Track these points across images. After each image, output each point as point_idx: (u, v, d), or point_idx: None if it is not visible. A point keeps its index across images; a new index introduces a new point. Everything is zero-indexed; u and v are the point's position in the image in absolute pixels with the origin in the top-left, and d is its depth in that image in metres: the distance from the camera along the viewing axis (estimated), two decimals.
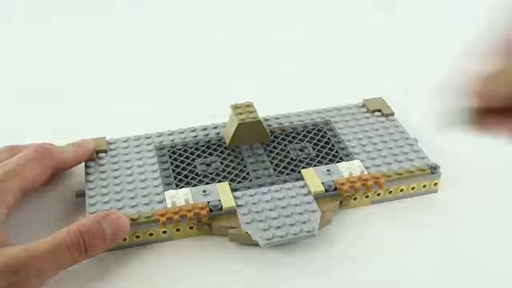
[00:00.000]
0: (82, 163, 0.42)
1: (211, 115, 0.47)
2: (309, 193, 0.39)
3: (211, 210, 0.37)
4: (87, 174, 0.41)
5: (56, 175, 0.42)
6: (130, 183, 0.40)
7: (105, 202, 0.38)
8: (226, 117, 0.45)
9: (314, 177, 0.40)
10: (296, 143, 0.44)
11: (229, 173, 0.41)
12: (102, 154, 0.43)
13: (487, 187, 0.42)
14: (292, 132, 0.45)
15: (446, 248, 0.37)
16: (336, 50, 0.62)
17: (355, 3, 0.73)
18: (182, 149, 0.44)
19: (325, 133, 0.45)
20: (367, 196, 0.40)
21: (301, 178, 0.40)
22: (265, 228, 0.36)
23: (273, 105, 0.48)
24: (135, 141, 0.45)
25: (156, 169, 0.42)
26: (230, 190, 0.39)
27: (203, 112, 0.48)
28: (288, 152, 0.43)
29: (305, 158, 0.43)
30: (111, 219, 0.35)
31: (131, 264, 0.36)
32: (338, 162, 0.42)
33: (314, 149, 0.44)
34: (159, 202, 0.38)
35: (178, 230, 0.38)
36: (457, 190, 0.41)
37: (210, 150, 0.44)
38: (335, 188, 0.39)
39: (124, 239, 0.37)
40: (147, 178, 0.41)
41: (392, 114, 0.47)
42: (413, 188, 0.41)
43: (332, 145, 0.44)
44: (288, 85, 0.55)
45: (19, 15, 0.73)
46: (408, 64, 0.59)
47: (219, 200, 0.38)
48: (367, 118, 0.47)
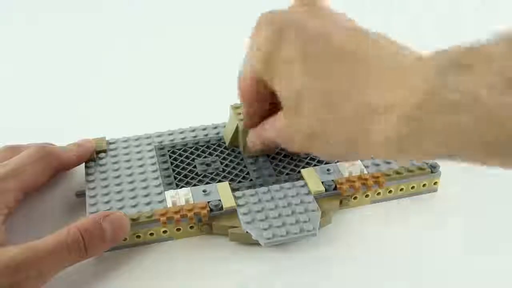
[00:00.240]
0: (82, 163, 0.42)
1: (211, 115, 0.47)
2: (309, 193, 0.39)
3: (212, 210, 0.37)
4: (87, 174, 0.41)
5: (57, 175, 0.41)
6: (131, 183, 0.40)
7: (106, 202, 0.38)
8: (226, 117, 0.45)
9: (314, 177, 0.40)
10: None
11: (229, 173, 0.41)
12: (102, 154, 0.43)
13: (487, 186, 0.42)
14: None
15: (446, 248, 0.37)
16: None
17: (355, 3, 0.73)
18: (182, 149, 0.44)
19: None
20: (367, 196, 0.40)
21: (301, 178, 0.40)
22: (266, 228, 0.36)
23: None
24: (135, 141, 0.45)
25: (156, 169, 0.42)
26: (231, 190, 0.39)
27: (203, 112, 0.48)
28: (288, 152, 0.43)
29: (305, 158, 0.43)
30: (111, 219, 0.35)
31: (131, 264, 0.36)
32: (338, 162, 0.42)
33: None
34: (160, 202, 0.38)
35: (179, 230, 0.38)
36: (457, 189, 0.41)
37: (210, 150, 0.44)
38: (335, 188, 0.39)
39: (125, 239, 0.37)
40: (147, 178, 0.41)
41: None
42: (413, 187, 0.41)
43: None
44: None
45: (19, 15, 0.73)
46: None
47: (220, 200, 0.38)
48: None
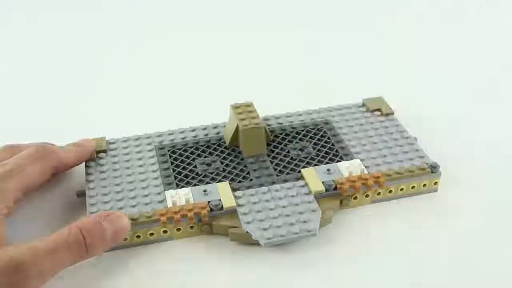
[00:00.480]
0: (83, 163, 0.42)
1: (211, 115, 0.47)
2: (310, 193, 0.39)
3: (212, 210, 0.37)
4: (88, 174, 0.41)
5: (57, 175, 0.41)
6: (131, 183, 0.40)
7: (106, 202, 0.38)
8: (226, 117, 0.45)
9: (315, 177, 0.40)
10: (296, 143, 0.44)
11: (230, 173, 0.41)
12: (103, 154, 0.43)
13: (487, 186, 0.42)
14: (292, 132, 0.45)
15: (446, 247, 0.37)
16: (336, 50, 0.62)
17: (355, 4, 0.73)
18: (182, 149, 0.44)
19: (325, 133, 0.45)
20: (367, 196, 0.40)
21: (301, 178, 0.40)
22: (266, 228, 0.36)
23: (273, 105, 0.48)
24: (135, 141, 0.45)
25: (157, 169, 0.42)
26: (231, 190, 0.39)
27: (203, 112, 0.48)
28: (288, 152, 0.43)
29: (305, 158, 0.43)
30: (112, 219, 0.35)
31: (132, 264, 0.36)
32: (338, 162, 0.42)
33: (314, 149, 0.44)
34: (160, 202, 0.38)
35: (179, 230, 0.38)
36: (457, 189, 0.41)
37: (210, 150, 0.44)
38: (335, 188, 0.39)
39: (125, 239, 0.37)
40: (148, 178, 0.41)
41: (392, 114, 0.47)
42: (413, 187, 0.41)
43: (332, 145, 0.44)
44: (288, 85, 0.55)
45: (19, 15, 0.73)
46: (408, 64, 0.59)
47: (220, 200, 0.38)
48: (367, 118, 0.47)
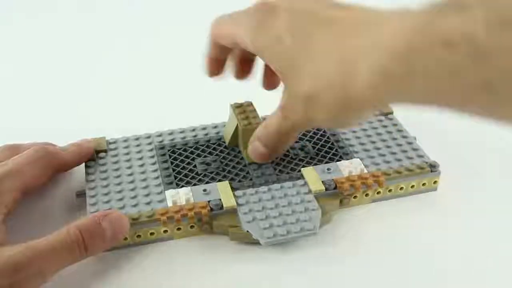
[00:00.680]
0: (83, 163, 0.42)
1: (211, 115, 0.47)
2: (310, 192, 0.39)
3: (212, 209, 0.37)
4: (88, 174, 0.41)
5: (57, 175, 0.42)
6: (131, 183, 0.40)
7: (106, 202, 0.38)
8: (226, 117, 0.45)
9: (314, 176, 0.40)
10: (296, 142, 0.44)
11: (230, 172, 0.41)
12: (103, 154, 0.43)
13: (487, 185, 0.42)
14: None
15: (446, 247, 0.37)
16: None
17: (354, 3, 0.73)
18: (182, 149, 0.44)
19: (325, 132, 0.45)
20: (367, 195, 0.40)
21: (301, 177, 0.40)
22: (266, 227, 0.36)
23: (273, 105, 0.48)
24: (135, 141, 0.45)
25: (157, 169, 0.42)
26: (231, 189, 0.39)
27: (203, 112, 0.48)
28: (288, 151, 0.43)
29: (305, 157, 0.43)
30: (111, 219, 0.35)
31: (132, 264, 0.36)
32: (338, 161, 0.42)
33: (314, 148, 0.44)
34: (160, 202, 0.38)
35: (179, 229, 0.38)
36: (457, 188, 0.41)
37: (210, 150, 0.44)
38: (335, 187, 0.39)
39: (125, 239, 0.37)
40: (148, 178, 0.41)
41: (391, 113, 0.47)
42: (413, 186, 0.41)
43: (332, 144, 0.44)
44: None
45: (19, 15, 0.73)
46: None
47: (220, 199, 0.38)
48: None
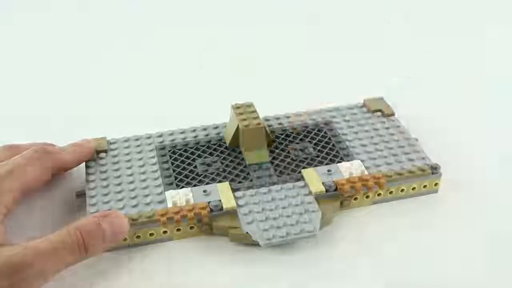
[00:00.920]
0: (83, 163, 0.42)
1: (212, 115, 0.47)
2: (310, 193, 0.39)
3: (212, 210, 0.37)
4: (88, 174, 0.41)
5: (57, 175, 0.41)
6: (131, 183, 0.40)
7: (106, 202, 0.38)
8: (227, 117, 0.45)
9: (315, 177, 0.40)
10: (297, 143, 0.44)
11: (230, 173, 0.41)
12: (103, 154, 0.43)
13: (488, 187, 0.42)
14: (293, 132, 0.45)
15: (446, 248, 0.37)
16: (337, 50, 0.62)
17: (355, 4, 0.73)
18: (183, 149, 0.44)
19: (326, 133, 0.45)
20: (368, 197, 0.40)
21: (302, 178, 0.40)
22: (266, 228, 0.36)
23: (273, 105, 0.48)
24: (136, 141, 0.45)
25: (157, 169, 0.41)
26: (231, 190, 0.39)
27: (204, 112, 0.48)
28: (289, 152, 0.43)
29: (306, 158, 0.43)
30: (111, 219, 0.35)
31: (132, 264, 0.36)
32: (339, 162, 0.42)
33: (315, 149, 0.44)
34: (160, 202, 0.38)
35: (179, 230, 0.38)
36: (458, 190, 0.41)
37: (211, 150, 0.44)
38: (336, 189, 0.39)
39: (125, 239, 0.37)
40: (148, 178, 0.41)
41: (393, 114, 0.47)
42: (414, 189, 0.41)
43: (333, 145, 0.44)
44: (288, 85, 0.55)
45: (19, 15, 0.73)
46: (408, 64, 0.59)
47: (220, 200, 0.38)
48: (368, 118, 0.47)
